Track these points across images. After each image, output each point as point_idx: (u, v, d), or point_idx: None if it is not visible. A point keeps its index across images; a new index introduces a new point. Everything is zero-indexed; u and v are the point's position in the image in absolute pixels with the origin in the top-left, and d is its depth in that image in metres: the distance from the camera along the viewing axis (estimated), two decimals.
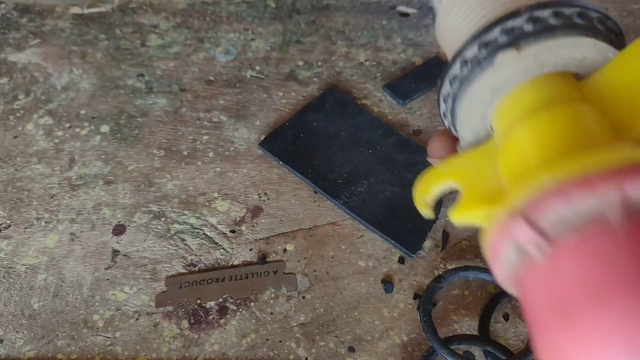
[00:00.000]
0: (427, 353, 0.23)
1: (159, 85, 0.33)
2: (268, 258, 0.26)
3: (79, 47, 0.35)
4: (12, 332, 0.24)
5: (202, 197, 0.28)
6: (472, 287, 0.25)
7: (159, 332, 0.24)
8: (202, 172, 0.29)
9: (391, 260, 0.26)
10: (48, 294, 0.25)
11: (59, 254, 0.26)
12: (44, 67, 0.34)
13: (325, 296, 0.25)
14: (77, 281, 0.25)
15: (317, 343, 0.24)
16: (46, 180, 0.29)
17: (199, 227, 0.27)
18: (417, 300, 0.25)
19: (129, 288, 0.25)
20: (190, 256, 0.26)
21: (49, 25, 0.36)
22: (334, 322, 0.24)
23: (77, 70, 0.33)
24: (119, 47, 0.35)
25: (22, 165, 0.29)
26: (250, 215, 0.28)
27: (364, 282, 0.25)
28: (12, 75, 0.33)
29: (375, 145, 0.30)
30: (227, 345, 0.24)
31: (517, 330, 0.24)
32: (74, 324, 0.24)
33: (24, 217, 0.27)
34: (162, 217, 0.27)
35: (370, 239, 0.27)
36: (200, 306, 0.25)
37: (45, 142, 0.30)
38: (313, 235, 0.27)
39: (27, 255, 0.26)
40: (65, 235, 0.27)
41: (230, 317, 0.24)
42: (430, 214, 0.15)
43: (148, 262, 0.26)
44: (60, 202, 0.28)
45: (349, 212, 0.27)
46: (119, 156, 0.30)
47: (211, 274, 0.25)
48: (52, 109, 0.32)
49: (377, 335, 0.24)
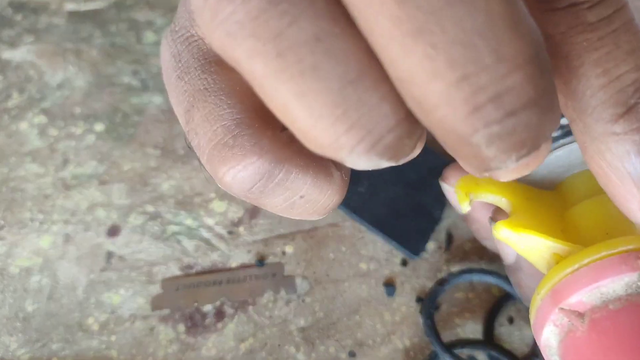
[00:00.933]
0: (430, 358, 0.22)
1: (155, 83, 0.32)
2: (266, 260, 0.26)
3: (73, 44, 0.34)
4: (6, 335, 0.23)
5: (198, 198, 0.28)
6: (476, 290, 0.25)
7: (155, 336, 0.23)
8: (199, 172, 0.29)
9: (393, 263, 0.26)
10: (42, 296, 0.24)
11: (53, 255, 0.26)
12: (38, 64, 0.33)
13: (326, 299, 0.24)
14: (71, 283, 0.25)
15: (317, 347, 0.23)
16: (40, 180, 0.28)
17: (195, 228, 0.27)
18: (419, 304, 0.24)
19: (124, 290, 0.25)
20: (186, 258, 0.26)
21: (43, 22, 0.35)
22: (334, 326, 0.24)
23: (72, 67, 0.33)
24: (114, 44, 0.34)
25: (15, 165, 0.29)
26: (248, 216, 0.27)
27: (365, 285, 0.25)
28: (6, 74, 0.32)
29: None
30: (225, 349, 0.23)
31: (522, 333, 0.24)
32: (69, 327, 0.23)
33: (17, 218, 0.27)
34: (158, 218, 0.27)
35: (372, 240, 0.26)
36: (197, 309, 0.24)
37: (39, 142, 0.30)
38: (313, 237, 0.26)
39: (21, 256, 0.25)
40: (60, 237, 0.26)
41: (227, 321, 0.24)
42: (466, 209, 0.16)
43: (144, 264, 0.25)
44: (55, 202, 0.27)
45: (349, 212, 0.27)
46: (114, 156, 0.29)
47: (208, 277, 0.25)
48: (46, 108, 0.31)
49: (379, 340, 0.23)
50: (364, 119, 0.09)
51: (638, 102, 0.11)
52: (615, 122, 0.11)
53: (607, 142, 0.11)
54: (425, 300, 0.23)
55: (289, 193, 0.12)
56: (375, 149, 0.10)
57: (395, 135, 0.10)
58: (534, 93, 0.09)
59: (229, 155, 0.12)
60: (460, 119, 0.09)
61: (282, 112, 0.10)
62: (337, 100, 0.09)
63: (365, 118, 0.09)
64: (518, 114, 0.09)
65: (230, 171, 0.12)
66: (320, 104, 0.09)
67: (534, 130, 0.09)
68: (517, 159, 0.09)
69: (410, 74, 0.09)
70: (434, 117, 0.09)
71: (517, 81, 0.08)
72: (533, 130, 0.09)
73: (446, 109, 0.09)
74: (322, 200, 0.13)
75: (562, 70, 0.11)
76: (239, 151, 0.12)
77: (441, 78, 0.08)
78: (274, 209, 0.13)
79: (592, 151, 0.12)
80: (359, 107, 0.09)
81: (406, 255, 0.26)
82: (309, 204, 0.13)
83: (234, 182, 0.12)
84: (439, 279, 0.24)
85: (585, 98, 0.11)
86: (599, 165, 0.12)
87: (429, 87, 0.09)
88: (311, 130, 0.10)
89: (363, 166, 0.10)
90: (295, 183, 0.12)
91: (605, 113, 0.11)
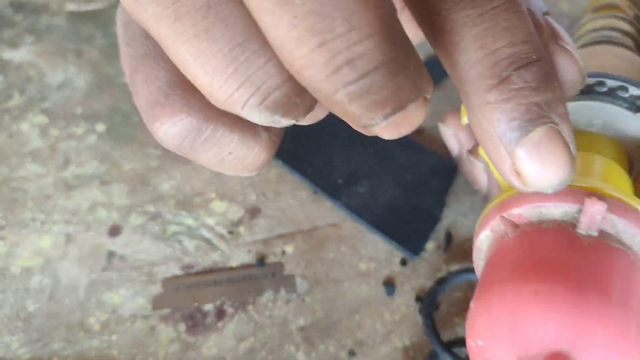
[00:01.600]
0: (429, 357, 0.22)
1: None
2: (266, 260, 0.26)
3: (74, 45, 0.34)
4: (7, 334, 0.23)
5: (199, 198, 0.28)
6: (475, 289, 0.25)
7: (156, 335, 0.23)
8: (199, 172, 0.29)
9: (393, 262, 0.26)
10: (43, 296, 0.24)
11: (54, 255, 0.26)
12: (39, 65, 0.33)
13: (325, 299, 0.25)
14: (72, 283, 0.25)
15: (317, 347, 0.23)
16: (41, 180, 0.28)
17: (196, 228, 0.27)
18: (419, 303, 0.24)
19: (125, 290, 0.25)
20: (187, 258, 0.26)
21: (44, 22, 0.35)
22: (334, 325, 0.24)
23: (73, 68, 0.33)
24: (114, 45, 0.34)
25: (16, 165, 0.29)
26: (249, 216, 0.27)
27: (364, 285, 0.25)
28: (7, 74, 0.33)
29: (375, 144, 0.29)
30: (225, 349, 0.23)
31: None
32: (70, 327, 0.24)
33: (18, 218, 0.27)
34: (159, 218, 0.27)
35: (371, 240, 0.26)
36: (198, 309, 0.24)
37: (40, 142, 0.30)
38: (312, 237, 0.26)
39: (22, 256, 0.26)
40: (61, 237, 0.26)
41: (228, 320, 0.24)
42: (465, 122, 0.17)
43: (144, 264, 0.25)
44: (56, 202, 0.27)
45: (349, 212, 0.27)
46: (115, 156, 0.29)
47: (208, 276, 0.25)
48: (47, 108, 0.31)
49: (379, 339, 0.23)
50: (253, 78, 0.11)
51: (510, 75, 0.12)
52: (489, 92, 0.12)
53: (483, 111, 0.12)
54: (426, 299, 0.23)
55: (217, 149, 0.14)
56: (265, 104, 0.11)
57: (282, 92, 0.11)
58: (383, 57, 0.10)
59: (161, 112, 0.13)
60: (322, 79, 0.10)
61: (185, 71, 0.11)
62: (228, 60, 0.11)
63: (254, 77, 0.11)
64: (370, 75, 0.10)
65: (162, 127, 0.13)
66: (213, 64, 0.11)
67: (390, 91, 0.10)
68: (384, 117, 0.11)
69: (280, 41, 0.10)
70: (302, 78, 0.10)
71: (367, 47, 0.10)
72: (389, 90, 0.10)
73: (310, 71, 0.10)
74: (250, 157, 0.14)
75: (447, 44, 0.13)
76: (169, 109, 0.13)
77: (304, 44, 0.10)
78: (207, 163, 0.14)
79: (472, 120, 0.13)
80: (247, 67, 0.11)
81: (406, 255, 0.26)
82: (238, 160, 0.14)
83: (166, 136, 0.13)
84: (439, 278, 0.24)
85: (465, 70, 0.12)
86: (477, 132, 0.13)
87: (295, 52, 0.10)
88: (208, 87, 0.11)
89: (260, 121, 0.12)
90: (222, 140, 0.13)
91: (481, 84, 0.12)
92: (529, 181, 0.12)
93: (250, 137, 0.14)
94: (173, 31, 0.11)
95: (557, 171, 0.12)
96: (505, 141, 0.12)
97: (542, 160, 0.12)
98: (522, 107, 0.12)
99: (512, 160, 0.12)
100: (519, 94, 0.12)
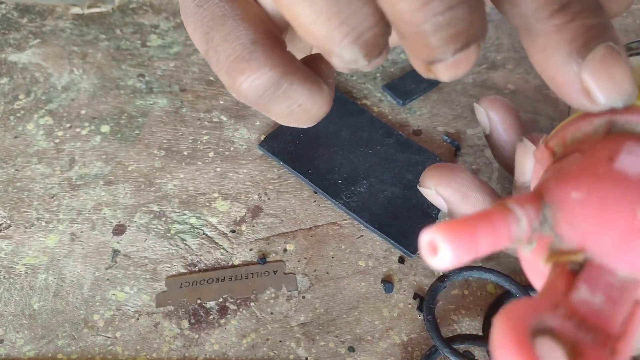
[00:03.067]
0: (429, 352, 0.23)
1: (160, 86, 0.33)
2: (268, 258, 0.26)
3: (79, 48, 0.35)
4: (12, 332, 0.24)
5: (202, 197, 0.28)
6: (471, 287, 0.25)
7: (160, 332, 0.24)
8: (203, 172, 0.29)
9: (391, 260, 0.26)
10: (48, 293, 0.25)
11: (59, 254, 0.26)
12: (45, 67, 0.34)
13: (326, 296, 0.25)
14: (77, 281, 0.25)
15: (317, 343, 0.24)
16: (46, 180, 0.29)
17: (199, 227, 0.27)
18: (416, 300, 0.25)
19: (129, 288, 0.25)
20: (190, 256, 0.26)
21: (49, 25, 0.36)
22: (334, 322, 0.24)
23: (78, 70, 0.33)
24: (119, 48, 0.35)
25: (22, 166, 0.29)
26: (251, 215, 0.28)
27: (364, 282, 0.25)
28: (13, 76, 0.33)
29: (375, 145, 0.30)
30: (228, 345, 0.24)
31: None
32: (75, 324, 0.24)
33: (24, 217, 0.27)
34: (163, 217, 0.27)
35: (370, 238, 0.27)
36: (201, 306, 0.25)
37: (45, 142, 0.30)
38: (313, 235, 0.27)
39: (27, 255, 0.26)
40: (66, 235, 0.27)
41: (230, 317, 0.24)
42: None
43: (148, 262, 0.26)
44: (61, 202, 0.28)
45: (349, 212, 0.27)
46: (120, 156, 0.30)
47: (211, 274, 0.25)
48: (52, 109, 0.32)
49: (377, 335, 0.24)
50: (351, 18, 0.13)
51: (571, 0, 0.14)
52: (553, 16, 0.14)
53: (548, 35, 0.14)
54: (426, 296, 0.24)
55: (290, 101, 0.15)
56: (357, 43, 0.13)
57: (372, 33, 0.13)
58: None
59: (246, 66, 0.15)
60: (414, 10, 0.12)
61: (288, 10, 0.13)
62: (332, 2, 0.13)
63: (352, 17, 0.13)
64: (455, 9, 0.12)
65: (247, 79, 0.15)
66: (320, 3, 0.13)
67: (466, 25, 0.12)
68: (454, 51, 0.12)
69: None
70: (396, 9, 0.12)
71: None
72: (465, 25, 0.12)
73: (404, 3, 0.12)
74: (314, 109, 0.16)
75: None
76: (254, 64, 0.15)
77: None
78: (277, 115, 0.16)
79: (536, 49, 0.14)
80: (347, 8, 0.13)
81: (404, 253, 0.26)
82: (305, 112, 0.16)
83: (250, 88, 0.15)
84: (440, 276, 0.25)
85: (527, 3, 0.14)
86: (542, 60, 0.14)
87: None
88: (311, 25, 0.13)
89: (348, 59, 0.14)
90: (295, 92, 0.15)
91: (544, 11, 0.14)
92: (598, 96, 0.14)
93: (317, 90, 0.16)
94: None
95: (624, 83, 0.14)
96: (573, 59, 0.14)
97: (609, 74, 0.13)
98: (584, 27, 0.14)
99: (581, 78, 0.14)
100: (580, 15, 0.14)
